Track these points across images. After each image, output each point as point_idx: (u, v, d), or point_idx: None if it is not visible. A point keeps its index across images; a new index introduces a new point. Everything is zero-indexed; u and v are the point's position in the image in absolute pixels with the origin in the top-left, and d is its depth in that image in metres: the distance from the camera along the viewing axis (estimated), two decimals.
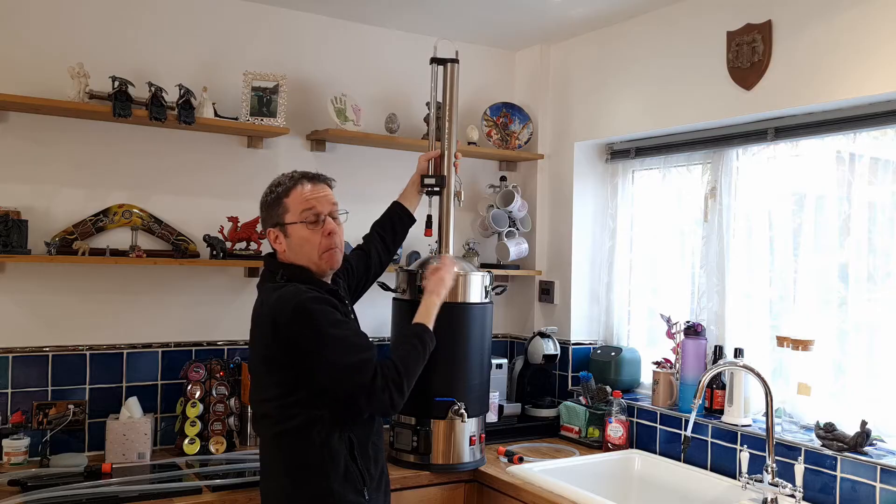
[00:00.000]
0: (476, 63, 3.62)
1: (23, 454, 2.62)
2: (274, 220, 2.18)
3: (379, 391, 2.03)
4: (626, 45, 3.27)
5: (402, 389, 2.09)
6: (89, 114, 2.72)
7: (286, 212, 2.15)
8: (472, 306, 2.78)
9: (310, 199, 2.15)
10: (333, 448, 2.08)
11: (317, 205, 2.15)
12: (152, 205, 2.94)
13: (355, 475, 2.11)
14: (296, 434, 2.07)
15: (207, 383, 2.86)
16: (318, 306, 2.05)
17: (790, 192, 2.84)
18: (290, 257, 2.17)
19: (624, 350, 3.34)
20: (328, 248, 2.16)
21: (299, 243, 2.15)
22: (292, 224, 2.14)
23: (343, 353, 2.04)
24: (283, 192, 2.16)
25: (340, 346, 2.04)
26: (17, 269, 2.73)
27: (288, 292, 2.07)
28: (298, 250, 2.16)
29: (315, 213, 2.15)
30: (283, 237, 2.16)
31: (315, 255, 2.15)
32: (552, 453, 3.05)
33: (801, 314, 2.77)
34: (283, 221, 2.15)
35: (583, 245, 3.54)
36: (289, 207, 2.15)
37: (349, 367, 2.03)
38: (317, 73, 3.27)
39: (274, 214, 2.17)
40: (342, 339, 2.05)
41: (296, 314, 2.02)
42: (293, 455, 2.09)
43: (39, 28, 2.76)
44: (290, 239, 2.16)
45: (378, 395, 2.03)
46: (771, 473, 2.44)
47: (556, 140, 3.62)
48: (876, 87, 2.38)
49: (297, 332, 2.02)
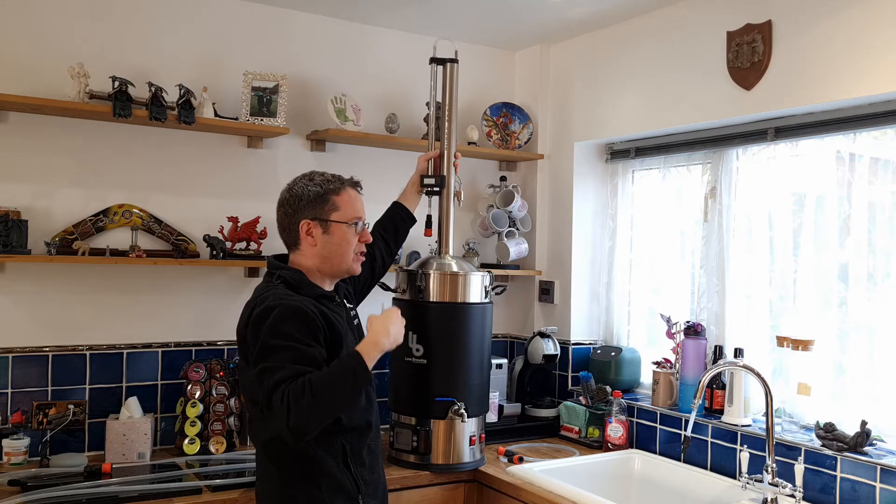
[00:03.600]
0: (476, 63, 3.62)
1: (23, 454, 2.62)
2: (316, 213, 2.17)
3: (277, 402, 1.87)
4: (626, 45, 3.27)
5: (301, 411, 1.85)
6: (89, 114, 2.72)
7: (335, 210, 2.18)
8: (472, 306, 2.78)
9: (358, 206, 2.23)
10: (324, 455, 2.06)
11: (363, 213, 2.25)
12: (152, 205, 2.95)
13: (348, 483, 2.09)
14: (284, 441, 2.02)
15: (207, 383, 2.86)
16: (281, 318, 1.97)
17: (790, 192, 2.84)
18: (319, 253, 2.18)
19: (624, 350, 3.34)
20: (361, 253, 2.24)
21: (339, 243, 2.18)
22: (338, 223, 2.17)
23: (268, 361, 1.93)
24: (334, 190, 2.19)
25: (273, 355, 1.93)
26: (17, 269, 2.73)
27: (270, 296, 2.05)
28: (335, 249, 2.18)
29: (362, 220, 2.24)
30: (321, 232, 2.17)
31: (349, 257, 2.21)
32: (552, 453, 3.05)
33: (801, 314, 2.77)
34: (329, 218, 2.17)
35: (583, 245, 3.54)
36: (339, 206, 2.18)
37: (262, 372, 1.93)
38: (317, 73, 3.27)
39: (319, 209, 2.17)
40: (280, 348, 1.93)
41: (257, 318, 2.00)
42: (282, 462, 2.07)
43: (39, 28, 2.76)
44: (331, 236, 2.17)
45: (276, 406, 1.87)
46: (771, 473, 2.44)
47: (556, 140, 3.62)
48: (876, 87, 2.38)
49: (251, 336, 2.01)
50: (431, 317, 2.73)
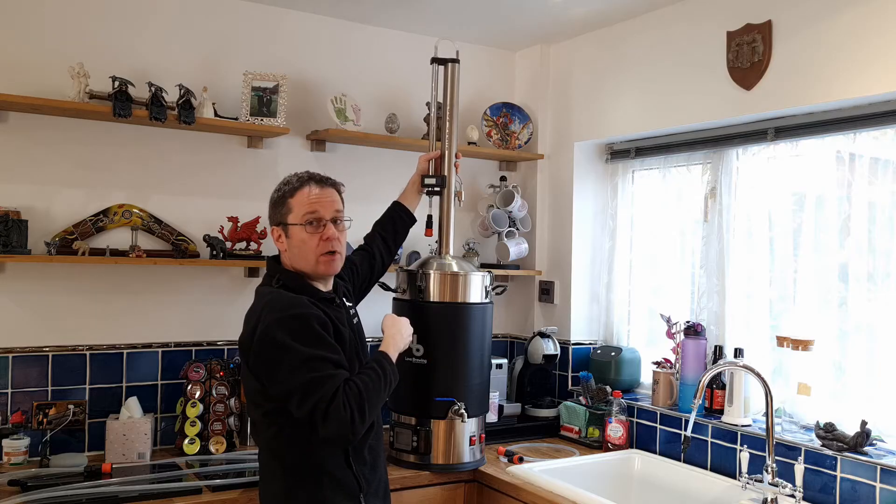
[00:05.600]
0: (476, 63, 3.62)
1: (23, 454, 2.62)
2: (278, 218, 2.17)
3: (340, 409, 1.92)
4: (626, 45, 3.27)
5: (364, 412, 1.96)
6: (89, 114, 2.72)
7: (289, 212, 2.14)
8: (472, 306, 2.78)
9: (314, 202, 2.13)
10: (326, 455, 2.06)
11: (319, 209, 2.13)
12: (152, 205, 2.94)
13: (350, 482, 2.09)
14: (287, 441, 2.05)
15: (207, 383, 2.86)
16: (296, 323, 1.99)
17: (790, 192, 2.84)
18: (290, 258, 2.17)
19: (624, 350, 3.34)
20: (325, 253, 2.13)
21: (298, 245, 2.14)
22: (293, 225, 2.13)
23: (305, 371, 1.94)
24: (289, 192, 2.16)
25: (304, 363, 1.95)
26: (17, 269, 2.73)
27: (275, 301, 2.05)
28: (297, 252, 2.14)
29: (316, 217, 2.12)
30: (285, 237, 2.16)
31: (312, 259, 2.13)
32: (552, 453, 3.05)
33: (801, 314, 2.77)
34: (286, 221, 2.15)
35: (583, 245, 3.54)
36: (292, 208, 2.14)
37: (309, 384, 1.94)
38: (317, 73, 3.27)
39: (278, 213, 2.17)
40: (309, 357, 1.96)
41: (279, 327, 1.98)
42: (286, 462, 2.07)
43: (39, 28, 2.76)
44: (291, 240, 2.15)
45: (339, 412, 1.91)
46: (771, 473, 2.44)
47: (556, 140, 3.62)
48: (876, 87, 2.38)
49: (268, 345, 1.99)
50: (431, 317, 2.73)
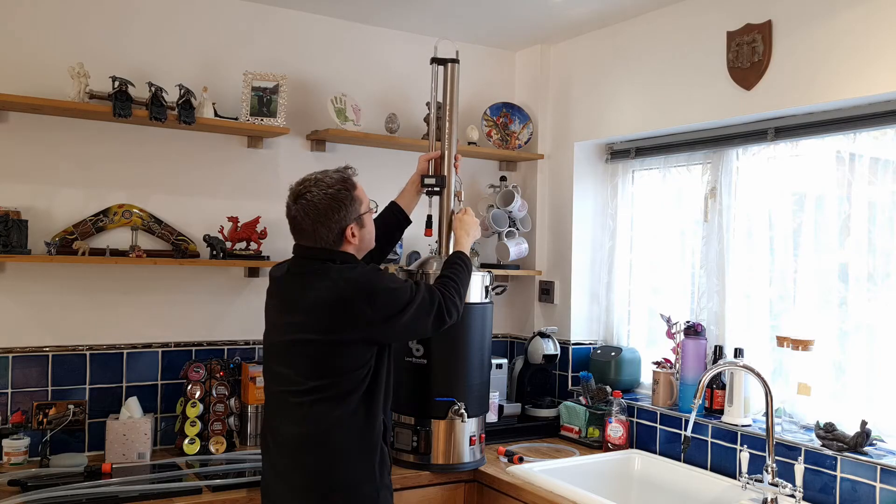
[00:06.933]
0: (476, 63, 3.62)
1: (23, 454, 2.62)
2: (352, 216, 2.18)
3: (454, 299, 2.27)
4: (626, 45, 3.27)
5: (462, 297, 2.34)
6: (89, 114, 2.72)
7: (360, 203, 2.20)
8: (472, 306, 2.77)
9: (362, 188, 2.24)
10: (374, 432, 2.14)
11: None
12: (152, 205, 2.94)
13: (388, 459, 2.21)
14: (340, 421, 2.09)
15: (207, 383, 2.86)
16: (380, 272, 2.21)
17: (790, 192, 2.84)
18: (359, 249, 2.23)
19: (624, 350, 3.34)
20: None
21: (369, 231, 2.24)
22: (367, 213, 2.22)
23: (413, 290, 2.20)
24: (350, 187, 2.19)
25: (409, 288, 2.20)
26: (18, 269, 2.73)
27: (356, 271, 2.15)
28: (368, 237, 2.24)
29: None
30: (360, 229, 2.20)
31: (373, 238, 2.28)
32: (552, 453, 3.05)
33: (801, 314, 2.77)
34: (361, 212, 2.20)
35: (583, 245, 3.54)
36: (361, 199, 2.21)
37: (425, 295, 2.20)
38: (317, 73, 3.27)
39: (351, 211, 2.17)
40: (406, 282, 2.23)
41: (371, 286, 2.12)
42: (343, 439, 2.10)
43: (39, 28, 2.76)
44: (365, 228, 2.22)
45: (455, 303, 2.27)
46: (771, 473, 2.44)
47: (556, 140, 3.62)
48: (876, 87, 2.38)
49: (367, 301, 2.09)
50: None
